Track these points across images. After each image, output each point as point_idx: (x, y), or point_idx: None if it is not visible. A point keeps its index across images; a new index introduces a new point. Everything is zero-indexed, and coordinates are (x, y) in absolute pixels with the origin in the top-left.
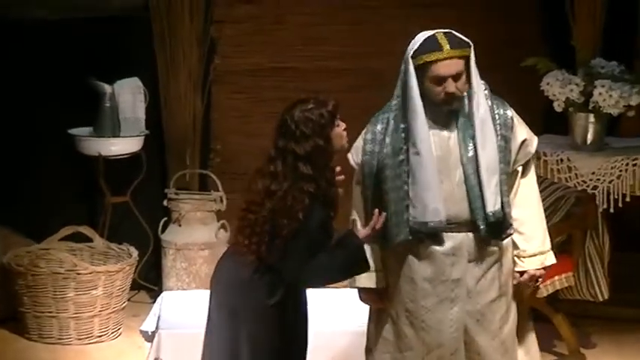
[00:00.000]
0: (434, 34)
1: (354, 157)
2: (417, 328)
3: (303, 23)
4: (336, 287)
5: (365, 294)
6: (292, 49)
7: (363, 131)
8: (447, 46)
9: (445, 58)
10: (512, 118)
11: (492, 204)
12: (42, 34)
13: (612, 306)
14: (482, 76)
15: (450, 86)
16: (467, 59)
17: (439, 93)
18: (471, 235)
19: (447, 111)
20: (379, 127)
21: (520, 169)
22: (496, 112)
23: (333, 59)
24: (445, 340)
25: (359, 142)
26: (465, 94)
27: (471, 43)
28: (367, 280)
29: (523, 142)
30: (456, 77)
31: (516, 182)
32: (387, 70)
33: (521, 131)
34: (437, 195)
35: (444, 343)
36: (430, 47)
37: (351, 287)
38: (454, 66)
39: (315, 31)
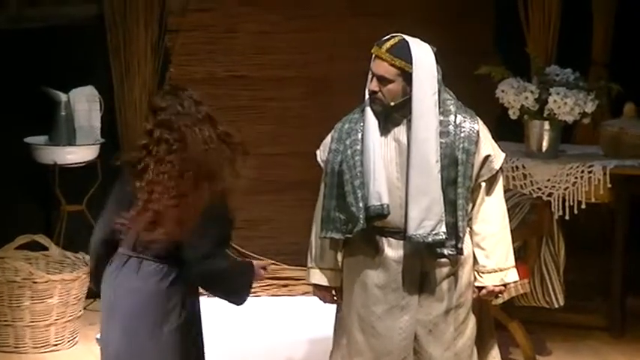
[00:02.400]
0: (391, 35)
1: (321, 154)
2: (367, 334)
3: (255, 31)
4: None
5: (318, 290)
6: (245, 57)
7: (332, 129)
8: (384, 47)
9: (377, 56)
10: (477, 133)
11: (414, 227)
12: (1, 43)
13: (567, 313)
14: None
15: (372, 84)
16: (405, 74)
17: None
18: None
19: (394, 117)
20: (346, 125)
21: (484, 184)
22: (461, 125)
23: (285, 67)
24: (394, 347)
25: (326, 140)
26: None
27: (411, 61)
28: (320, 277)
29: (487, 157)
30: (381, 79)
31: (479, 197)
32: (338, 77)
33: (486, 146)
34: (378, 180)
35: (392, 350)
36: (377, 42)
37: (307, 283)
38: (382, 68)
39: (267, 39)
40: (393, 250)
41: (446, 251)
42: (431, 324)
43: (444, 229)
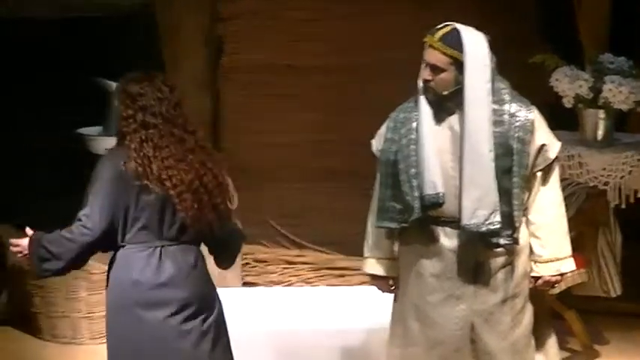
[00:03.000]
0: (445, 24)
1: (376, 144)
2: (422, 323)
3: (304, 19)
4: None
5: (375, 280)
6: (295, 45)
7: (387, 118)
8: (437, 35)
9: (429, 45)
10: (532, 122)
11: (468, 217)
12: (49, 33)
13: (624, 302)
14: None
15: (425, 72)
16: (457, 62)
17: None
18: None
19: (448, 106)
20: (401, 115)
21: (540, 174)
22: (516, 114)
23: (335, 55)
24: (449, 337)
25: (382, 129)
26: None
27: (462, 49)
28: (376, 267)
29: (542, 146)
30: (433, 68)
31: (535, 186)
32: (387, 65)
33: (541, 135)
34: (432, 169)
35: (447, 340)
36: (430, 31)
37: (363, 273)
38: (434, 57)
39: (317, 26)
40: (448, 240)
41: (501, 241)
42: (487, 313)
43: (498, 218)
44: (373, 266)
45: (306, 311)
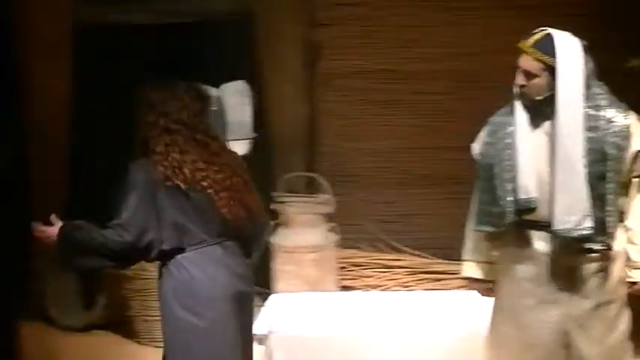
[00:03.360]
0: (540, 29)
1: (476, 148)
2: (517, 327)
3: (404, 25)
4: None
5: (473, 283)
6: (394, 50)
7: (487, 123)
8: (530, 41)
9: (523, 51)
10: (628, 128)
11: (559, 222)
12: (147, 39)
13: None
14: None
15: (519, 78)
16: (549, 68)
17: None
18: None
19: (544, 111)
20: (499, 119)
21: (637, 180)
22: (612, 120)
23: (435, 60)
24: (541, 341)
25: (481, 134)
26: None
27: (555, 55)
28: (475, 270)
29: (639, 152)
30: (527, 74)
31: (632, 193)
32: (487, 71)
33: (638, 141)
34: (525, 174)
35: (539, 344)
36: (525, 37)
37: (461, 277)
38: (527, 63)
39: (417, 32)
40: (542, 244)
41: (593, 246)
42: (581, 318)
43: (589, 224)
44: (472, 269)
45: (403, 315)
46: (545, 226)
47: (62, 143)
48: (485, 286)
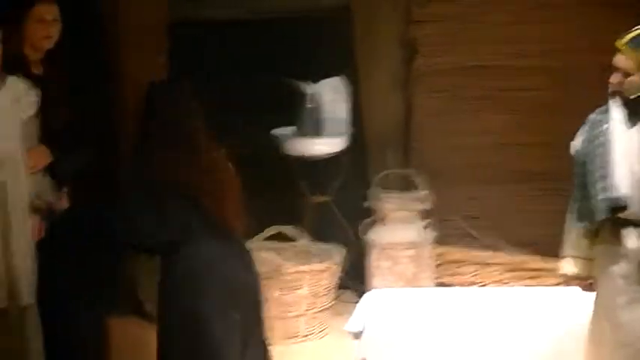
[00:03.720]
0: (635, 28)
1: (574, 145)
2: (610, 323)
3: (498, 22)
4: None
5: (572, 280)
6: (489, 47)
7: (586, 121)
8: (624, 39)
9: (617, 49)
10: None
11: None
12: (244, 35)
13: None
14: None
15: (613, 76)
16: None
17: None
18: None
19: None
20: (596, 117)
21: None
22: None
23: (528, 57)
24: (633, 340)
25: (580, 131)
26: None
27: None
28: (573, 267)
29: None
30: (621, 72)
31: None
32: (579, 68)
33: None
34: (618, 172)
35: (631, 343)
36: (622, 35)
37: (560, 274)
38: (621, 61)
39: (510, 29)
40: (634, 242)
41: None
42: None
43: None
44: (570, 266)
45: (500, 312)
46: (638, 224)
47: None
48: (583, 282)
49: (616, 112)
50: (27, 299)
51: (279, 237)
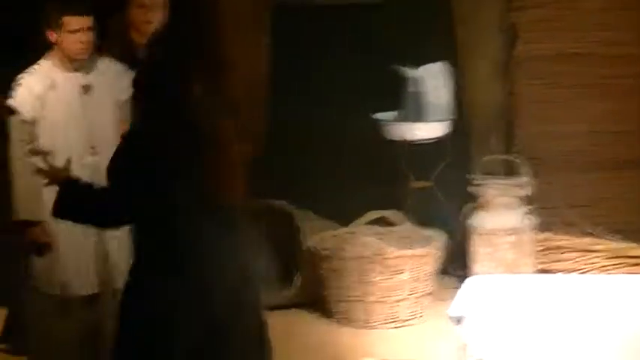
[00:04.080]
0: None
1: None
2: None
3: (598, 8)
4: None
5: None
6: (589, 34)
7: None
8: None
9: None
10: None
11: None
12: (347, 19)
13: None
14: None
15: None
16: None
17: None
18: None
19: None
20: None
21: None
22: None
23: (629, 45)
24: None
25: None
26: None
27: None
28: None
29: None
30: None
31: None
32: None
33: None
34: None
35: None
36: None
37: None
38: None
39: (610, 16)
40: None
41: None
42: None
43: None
44: None
45: (601, 299)
46: None
47: (257, 125)
48: None
49: None
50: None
51: (381, 221)
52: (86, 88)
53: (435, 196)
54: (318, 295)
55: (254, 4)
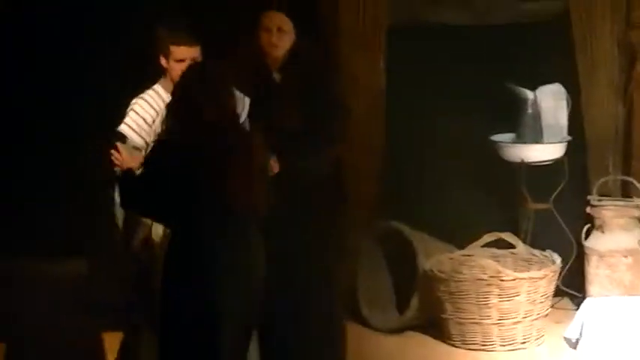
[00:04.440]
0: None
1: None
2: None
3: None
4: None
5: None
6: None
7: None
8: None
9: None
10: None
11: None
12: (463, 39)
13: None
14: None
15: None
16: None
17: None
18: None
19: None
20: None
21: None
22: None
23: None
24: None
25: None
26: None
27: None
28: None
29: None
30: None
31: None
32: None
33: None
34: None
35: None
36: None
37: None
38: None
39: None
40: None
41: None
42: None
43: None
44: None
45: None
46: None
47: (376, 141)
48: None
49: None
50: None
51: (498, 243)
52: None
53: (551, 217)
54: (435, 317)
55: (371, 25)
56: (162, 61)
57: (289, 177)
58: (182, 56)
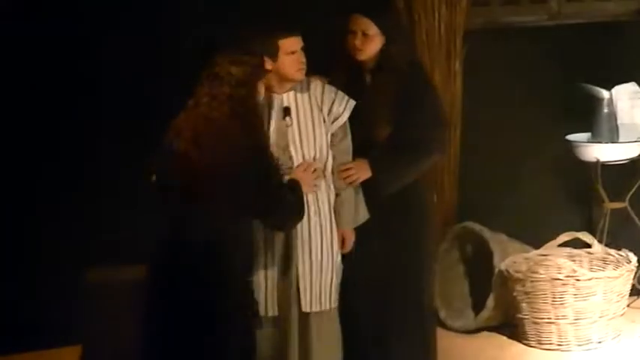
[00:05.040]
0: None
1: None
2: None
3: None
4: None
5: None
6: None
7: None
8: None
9: None
10: None
11: None
12: (539, 39)
13: None
14: None
15: None
16: None
17: None
18: None
19: None
20: None
21: None
22: None
23: None
24: None
25: None
26: None
27: None
28: None
29: None
30: None
31: None
32: None
33: None
34: None
35: None
36: None
37: None
38: None
39: None
40: None
41: None
42: None
43: None
44: None
45: None
46: None
47: (453, 144)
48: None
49: None
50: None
51: (574, 243)
52: (288, 110)
53: (628, 216)
54: (511, 317)
55: (449, 25)
56: (268, 64)
57: (381, 188)
58: (293, 48)
